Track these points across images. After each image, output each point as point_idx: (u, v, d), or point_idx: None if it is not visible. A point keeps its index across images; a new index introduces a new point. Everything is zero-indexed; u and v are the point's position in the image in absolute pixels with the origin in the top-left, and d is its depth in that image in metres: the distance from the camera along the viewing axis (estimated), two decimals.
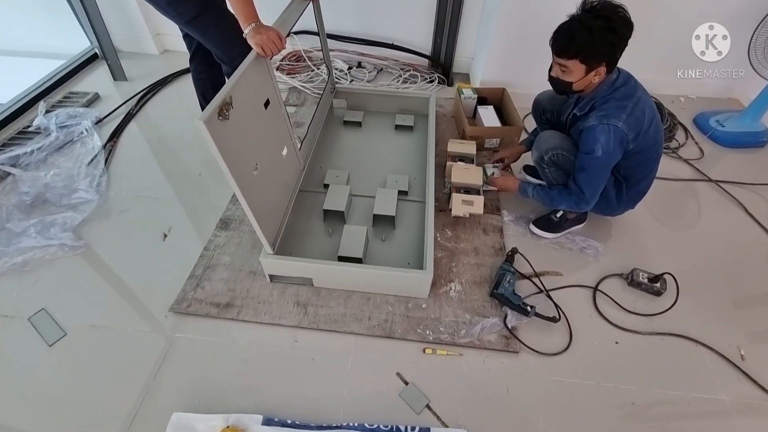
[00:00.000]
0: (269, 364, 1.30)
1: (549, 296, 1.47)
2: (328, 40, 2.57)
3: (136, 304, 1.44)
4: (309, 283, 1.47)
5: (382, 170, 1.89)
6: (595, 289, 1.51)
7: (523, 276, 1.54)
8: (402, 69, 2.63)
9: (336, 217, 1.68)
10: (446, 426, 1.17)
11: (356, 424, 1.15)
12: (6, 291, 1.46)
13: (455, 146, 1.91)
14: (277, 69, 2.58)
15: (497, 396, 1.24)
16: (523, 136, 2.02)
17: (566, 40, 1.20)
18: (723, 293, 1.52)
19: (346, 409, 1.20)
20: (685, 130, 2.28)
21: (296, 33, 2.60)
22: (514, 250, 1.56)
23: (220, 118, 1.05)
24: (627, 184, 1.46)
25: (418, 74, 2.59)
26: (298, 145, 1.70)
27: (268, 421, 1.16)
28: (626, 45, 1.21)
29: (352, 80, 2.53)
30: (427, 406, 1.21)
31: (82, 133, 2.12)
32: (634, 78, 1.34)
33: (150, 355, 1.31)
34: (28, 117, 2.23)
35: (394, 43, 2.56)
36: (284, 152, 1.52)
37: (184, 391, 1.23)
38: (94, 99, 2.39)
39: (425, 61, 2.64)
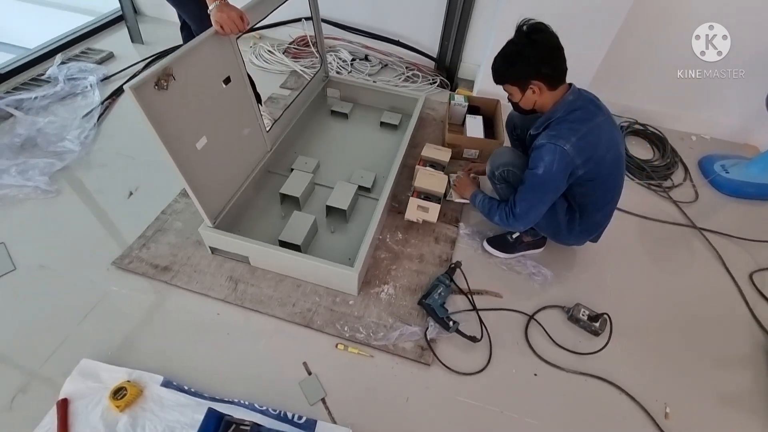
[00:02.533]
0: (186, 331, 1.34)
1: (478, 315, 1.43)
2: (337, 29, 2.60)
3: (85, 253, 1.52)
4: (246, 261, 1.50)
5: (353, 164, 1.90)
6: (531, 317, 1.46)
7: (461, 291, 1.50)
8: (406, 67, 2.61)
9: (292, 202, 1.70)
10: (334, 422, 1.17)
11: (247, 403, 1.18)
12: None
13: (430, 151, 1.89)
14: (283, 52, 2.62)
15: (395, 403, 1.23)
16: None
17: (492, 69, 1.26)
18: (668, 346, 1.43)
19: (245, 387, 1.22)
20: (686, 170, 2.14)
21: (307, 18, 2.62)
22: (457, 264, 1.53)
23: (157, 87, 1.09)
24: (581, 213, 1.39)
25: (421, 74, 2.56)
26: (267, 127, 1.73)
27: (167, 383, 1.21)
28: (552, 61, 1.20)
29: (350, 71, 2.53)
30: (322, 400, 1.22)
31: (86, 87, 2.24)
32: (596, 102, 1.28)
33: (82, 302, 1.38)
34: (46, 66, 2.37)
35: (401, 41, 2.54)
36: (245, 132, 1.55)
37: (100, 340, 1.30)
38: (107, 57, 2.52)
39: (431, 63, 2.60)
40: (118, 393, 1.15)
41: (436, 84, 2.55)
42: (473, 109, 2.20)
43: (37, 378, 1.21)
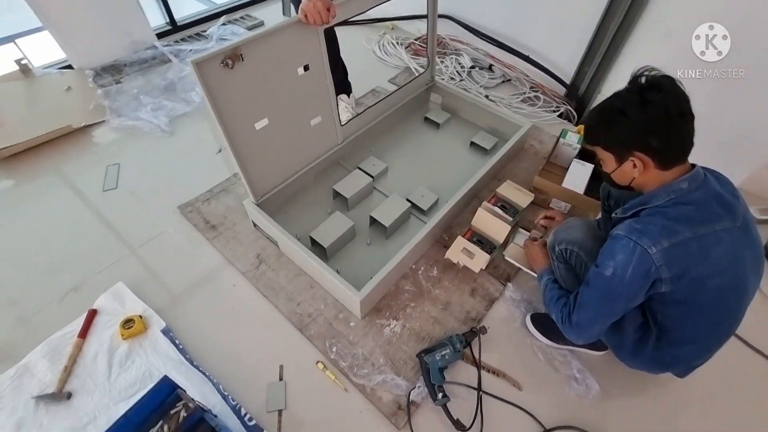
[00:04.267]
0: (201, 291, 1.44)
1: (479, 400, 1.20)
2: (465, 32, 2.42)
3: (164, 192, 1.74)
4: (276, 244, 1.53)
5: (422, 179, 1.76)
6: (546, 431, 1.16)
7: (475, 362, 1.28)
8: (531, 87, 2.29)
9: (343, 201, 1.66)
10: None
11: (215, 381, 1.21)
12: (108, 140, 1.95)
13: (508, 190, 1.63)
14: (406, 47, 2.55)
15: None
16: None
17: (584, 124, 0.98)
18: None
19: (220, 366, 1.26)
20: None
21: (440, 16, 2.49)
22: (481, 330, 1.30)
23: (223, 65, 1.13)
24: (659, 336, 1.02)
25: (544, 98, 2.22)
26: (343, 120, 1.70)
27: (165, 331, 1.31)
28: (669, 132, 0.87)
29: (461, 80, 2.33)
30: (279, 412, 1.18)
31: None
32: (727, 201, 0.89)
33: (145, 233, 1.59)
34: (211, 25, 2.76)
35: (531, 56, 2.23)
36: (315, 121, 1.54)
37: (140, 271, 1.48)
38: (257, 25, 2.82)
39: (561, 88, 2.24)
40: (127, 323, 1.30)
41: (559, 113, 2.19)
42: (586, 154, 1.81)
43: (88, 285, 1.44)
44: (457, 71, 2.35)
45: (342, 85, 1.98)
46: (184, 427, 1.02)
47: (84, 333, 1.30)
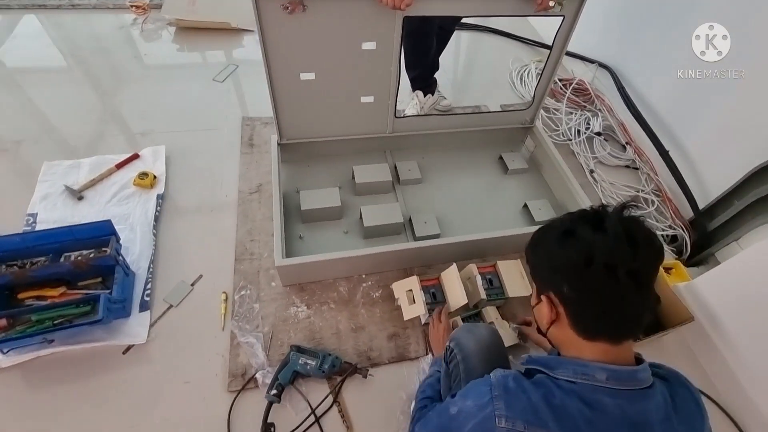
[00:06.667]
0: (202, 184, 1.65)
1: (309, 426, 1.12)
2: (615, 94, 2.02)
3: (251, 102, 2.01)
4: None
5: (441, 209, 1.62)
6: None
7: (334, 393, 1.18)
8: (654, 190, 1.81)
9: (349, 189, 1.65)
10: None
11: (153, 253, 1.41)
12: (248, 47, 2.31)
13: (509, 269, 1.38)
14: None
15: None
16: None
17: None
18: None
19: (165, 244, 1.45)
20: None
21: (600, 65, 2.13)
22: (362, 371, 1.18)
23: (283, 7, 1.21)
24: None
25: (661, 209, 1.74)
26: (400, 113, 1.65)
27: (159, 197, 1.56)
28: (592, 286, 0.62)
29: (575, 140, 1.97)
30: (169, 306, 1.31)
31: None
32: (639, 401, 0.60)
33: (210, 123, 1.88)
34: None
35: (670, 153, 1.74)
36: (365, 99, 1.53)
37: (181, 145, 1.76)
38: None
39: (688, 210, 1.70)
40: (143, 175, 1.59)
41: (667, 235, 1.70)
42: None
43: (153, 135, 1.80)
44: (577, 129, 2.00)
45: (423, 82, 1.90)
46: (97, 262, 1.24)
47: (120, 166, 1.65)
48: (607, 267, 0.59)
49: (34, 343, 1.14)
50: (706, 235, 1.63)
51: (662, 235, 1.69)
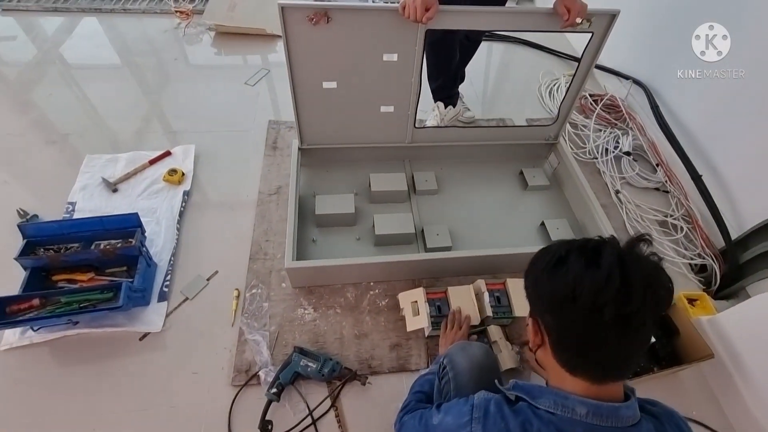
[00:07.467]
0: (225, 182, 1.73)
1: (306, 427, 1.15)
2: (649, 112, 1.95)
3: (278, 107, 2.09)
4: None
5: (455, 222, 1.61)
6: None
7: (333, 397, 1.20)
8: (683, 216, 1.72)
9: (365, 196, 1.68)
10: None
11: (175, 246, 1.49)
12: (280, 53, 2.40)
13: (519, 287, 1.35)
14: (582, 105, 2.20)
15: None
16: None
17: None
18: None
19: (187, 239, 1.53)
20: None
21: (635, 82, 2.05)
22: (361, 378, 1.20)
23: (308, 19, 1.26)
24: None
25: (690, 236, 1.66)
26: (421, 123, 1.66)
27: (185, 193, 1.65)
28: (576, 319, 0.59)
29: (594, 158, 1.90)
30: (185, 298, 1.38)
31: None
32: None
33: (237, 122, 1.97)
34: None
35: (703, 177, 1.65)
36: (385, 109, 1.56)
37: (209, 144, 1.85)
38: None
39: (720, 240, 1.60)
40: (172, 172, 1.69)
41: (695, 264, 1.61)
42: None
43: (184, 134, 1.90)
44: (605, 148, 1.93)
45: (445, 93, 1.90)
46: (123, 251, 1.33)
47: (153, 162, 1.75)
48: (594, 306, 0.56)
49: (61, 323, 1.23)
50: (738, 267, 1.54)
51: (690, 264, 1.60)
